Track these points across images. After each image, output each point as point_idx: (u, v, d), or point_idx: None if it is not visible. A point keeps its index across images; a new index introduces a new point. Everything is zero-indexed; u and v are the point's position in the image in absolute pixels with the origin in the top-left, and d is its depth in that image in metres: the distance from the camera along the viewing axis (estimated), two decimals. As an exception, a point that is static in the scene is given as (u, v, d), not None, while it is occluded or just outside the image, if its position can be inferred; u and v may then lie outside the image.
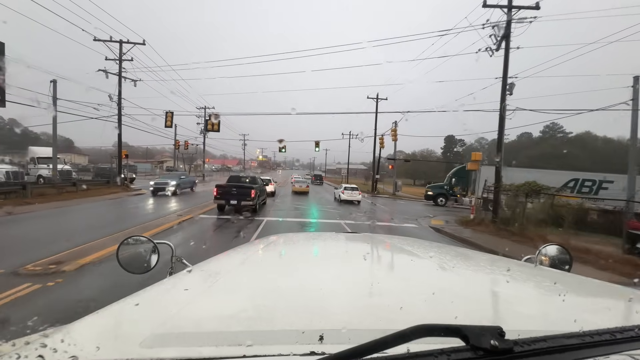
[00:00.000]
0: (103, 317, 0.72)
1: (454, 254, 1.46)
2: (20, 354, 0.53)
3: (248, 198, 12.78)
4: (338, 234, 1.91)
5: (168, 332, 0.62)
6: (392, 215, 16.16)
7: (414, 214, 17.13)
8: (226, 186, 13.17)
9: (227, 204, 12.82)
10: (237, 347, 0.55)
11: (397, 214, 16.80)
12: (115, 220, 11.09)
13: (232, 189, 12.89)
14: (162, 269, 1.39)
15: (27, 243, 6.92)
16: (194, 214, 12.17)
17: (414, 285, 0.99)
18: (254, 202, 12.95)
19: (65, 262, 5.48)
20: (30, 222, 9.54)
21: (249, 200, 12.79)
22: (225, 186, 13.19)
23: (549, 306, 0.87)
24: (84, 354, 0.54)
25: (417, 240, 1.75)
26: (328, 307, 0.77)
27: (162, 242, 1.45)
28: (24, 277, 4.76)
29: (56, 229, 9.11)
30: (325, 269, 1.20)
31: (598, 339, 0.47)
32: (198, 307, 0.77)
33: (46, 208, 12.07)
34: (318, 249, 1.57)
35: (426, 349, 0.44)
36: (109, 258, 5.72)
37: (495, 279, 1.12)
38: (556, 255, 1.40)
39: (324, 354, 0.51)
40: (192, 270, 1.11)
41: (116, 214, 12.82)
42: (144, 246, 1.40)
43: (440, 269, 1.21)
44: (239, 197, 12.75)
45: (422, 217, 15.80)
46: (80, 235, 7.47)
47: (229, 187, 13.01)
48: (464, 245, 8.72)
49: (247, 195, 12.79)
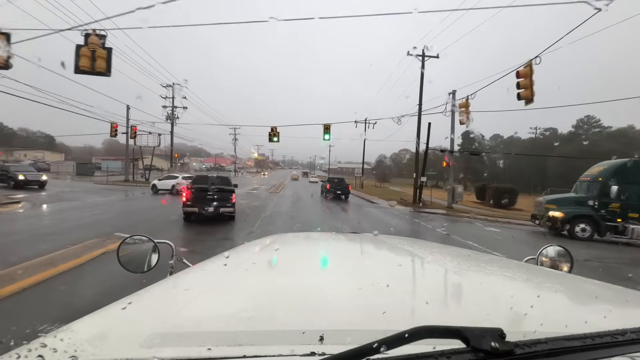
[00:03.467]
0: (103, 317, 0.72)
1: (455, 254, 1.44)
2: (20, 353, 0.54)
3: (228, 204, 10.44)
4: (338, 234, 1.91)
5: (168, 331, 0.63)
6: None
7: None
8: (201, 188, 10.32)
9: (201, 211, 10.01)
10: (237, 347, 0.56)
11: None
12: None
13: (208, 192, 10.23)
14: (162, 269, 1.39)
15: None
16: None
17: (414, 285, 0.98)
18: (234, 209, 10.72)
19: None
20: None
21: (229, 207, 10.46)
22: (199, 189, 10.31)
23: (549, 307, 0.86)
24: (83, 353, 0.54)
25: (418, 241, 1.79)
26: (328, 307, 0.77)
27: (163, 241, 1.46)
28: None
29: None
30: (325, 268, 1.20)
31: (599, 341, 0.47)
32: (198, 306, 0.77)
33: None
34: (318, 248, 1.57)
35: (426, 350, 0.45)
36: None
37: (496, 280, 1.11)
38: (557, 257, 1.42)
39: (324, 354, 0.52)
40: (192, 269, 1.14)
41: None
42: (144, 245, 1.41)
43: (441, 270, 1.21)
44: (216, 203, 10.17)
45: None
46: None
47: (203, 190, 10.23)
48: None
49: (226, 200, 10.42)
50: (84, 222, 9.51)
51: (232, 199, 10.52)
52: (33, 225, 9.02)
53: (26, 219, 10.29)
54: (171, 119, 28.90)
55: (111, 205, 14.32)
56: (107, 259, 5.57)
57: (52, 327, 0.66)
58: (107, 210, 12.56)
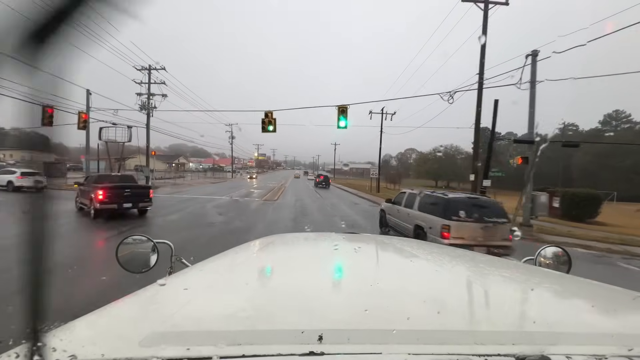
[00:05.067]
0: (102, 316, 0.73)
1: (454, 255, 1.43)
2: (19, 352, 0.54)
3: (146, 199, 11.24)
4: (337, 234, 1.89)
5: (167, 331, 0.63)
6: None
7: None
8: (117, 186, 10.70)
9: (119, 208, 10.51)
10: (236, 346, 0.56)
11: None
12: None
13: (125, 189, 10.78)
14: (161, 268, 1.37)
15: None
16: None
17: (413, 285, 0.99)
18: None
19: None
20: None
21: (147, 202, 11.28)
22: (115, 187, 10.65)
23: (548, 308, 0.88)
24: (83, 352, 0.55)
25: (417, 241, 1.77)
26: (327, 307, 0.78)
27: (162, 241, 1.47)
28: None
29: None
30: (324, 268, 1.20)
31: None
32: (197, 306, 0.78)
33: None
34: (317, 249, 1.56)
35: (426, 350, 0.45)
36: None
37: (494, 280, 1.11)
38: (555, 257, 1.43)
39: (323, 354, 0.53)
40: (191, 269, 1.14)
41: None
42: (143, 245, 1.42)
43: (439, 270, 1.21)
44: (134, 199, 10.86)
45: None
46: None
47: (120, 188, 10.71)
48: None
49: (144, 195, 11.18)
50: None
51: (149, 194, 11.30)
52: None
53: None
54: (147, 108, 23.17)
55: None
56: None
57: (52, 327, 0.67)
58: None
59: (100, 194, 10.03)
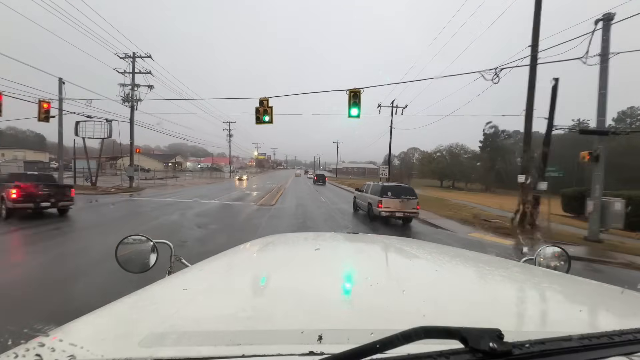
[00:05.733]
0: (101, 316, 0.73)
1: (453, 254, 1.43)
2: (18, 353, 0.54)
3: (67, 197, 10.59)
4: (337, 234, 1.90)
5: (167, 331, 0.63)
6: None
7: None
8: (32, 185, 10.00)
9: (37, 208, 9.95)
10: (236, 346, 0.56)
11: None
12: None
13: (43, 187, 10.09)
14: (161, 268, 1.37)
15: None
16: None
17: (413, 285, 0.98)
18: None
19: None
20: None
21: (68, 201, 10.64)
22: (30, 185, 9.93)
23: (547, 307, 0.87)
24: (82, 352, 0.55)
25: (417, 241, 1.75)
26: (327, 307, 0.78)
27: (161, 241, 1.45)
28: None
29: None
30: (324, 268, 1.20)
31: (597, 342, 0.48)
32: (197, 306, 0.78)
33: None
34: (317, 248, 1.55)
35: (425, 351, 0.46)
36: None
37: (494, 280, 1.11)
38: (554, 257, 1.43)
39: (322, 354, 0.53)
40: (191, 269, 1.14)
41: None
42: (142, 245, 1.41)
43: (439, 270, 1.21)
44: (54, 197, 10.16)
45: None
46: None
47: (37, 186, 10.03)
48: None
49: (64, 194, 10.53)
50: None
51: (71, 192, 10.79)
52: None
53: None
54: (130, 100, 20.59)
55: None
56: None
57: (51, 327, 0.66)
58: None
59: (14, 192, 9.42)
